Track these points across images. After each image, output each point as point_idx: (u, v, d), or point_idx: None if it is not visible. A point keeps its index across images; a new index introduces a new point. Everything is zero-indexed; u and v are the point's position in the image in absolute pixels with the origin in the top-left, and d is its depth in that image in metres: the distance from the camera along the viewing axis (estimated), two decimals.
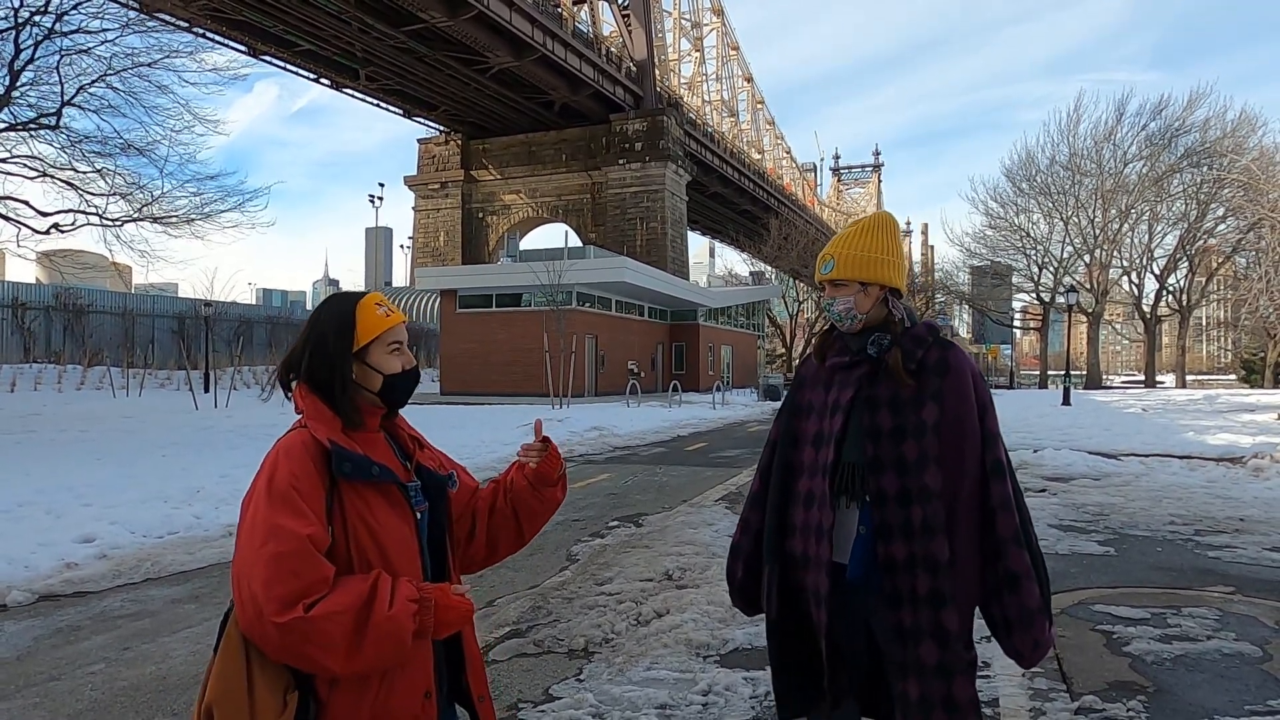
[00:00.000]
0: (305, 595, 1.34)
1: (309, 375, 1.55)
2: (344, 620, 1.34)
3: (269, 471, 1.45)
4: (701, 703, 3.44)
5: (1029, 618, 1.82)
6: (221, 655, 1.42)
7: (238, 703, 1.37)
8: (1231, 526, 7.05)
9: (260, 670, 1.39)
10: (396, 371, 1.58)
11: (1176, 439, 14.05)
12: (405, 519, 1.53)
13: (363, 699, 1.43)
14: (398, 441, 1.65)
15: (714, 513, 7.96)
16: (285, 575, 1.34)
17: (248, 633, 1.38)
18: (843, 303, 1.96)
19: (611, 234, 50.79)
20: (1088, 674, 3.72)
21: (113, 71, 14.72)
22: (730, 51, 68.87)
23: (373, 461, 1.49)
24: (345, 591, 1.37)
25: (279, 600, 1.33)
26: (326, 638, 1.33)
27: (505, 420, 17.82)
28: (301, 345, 1.58)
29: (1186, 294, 50.70)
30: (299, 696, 1.39)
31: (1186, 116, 46.39)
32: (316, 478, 1.45)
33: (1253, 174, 37.95)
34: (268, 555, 1.35)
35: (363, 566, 1.45)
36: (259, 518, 1.39)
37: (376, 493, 1.49)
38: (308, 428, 1.51)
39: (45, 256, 18.41)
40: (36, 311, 29.60)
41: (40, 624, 4.65)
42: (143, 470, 9.73)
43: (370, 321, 1.56)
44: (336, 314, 1.57)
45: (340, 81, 46.74)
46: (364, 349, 1.56)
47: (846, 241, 2.00)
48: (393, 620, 1.36)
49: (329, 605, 1.34)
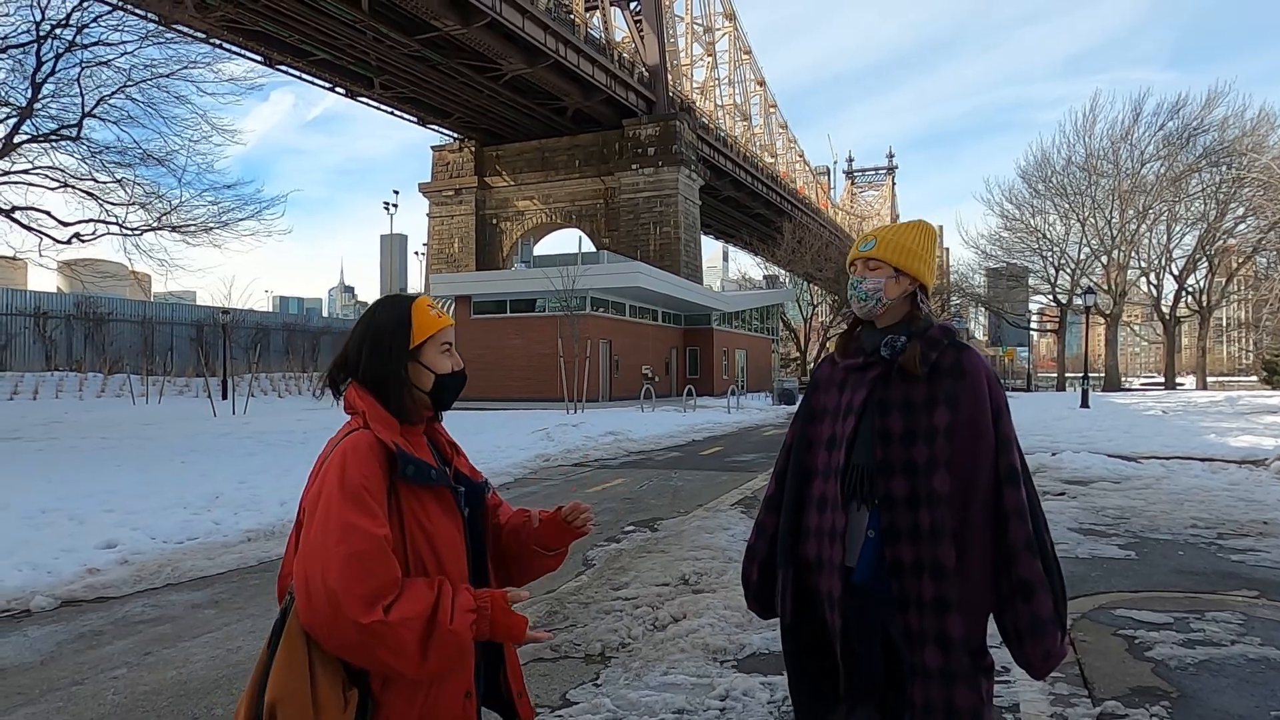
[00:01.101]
0: (382, 596, 1.36)
1: (367, 373, 1.58)
2: (417, 626, 1.37)
3: (339, 470, 1.45)
4: (719, 708, 3.43)
5: (1040, 627, 1.79)
6: (283, 651, 1.43)
7: (302, 698, 1.39)
8: (1255, 530, 6.96)
9: (323, 667, 1.41)
10: (447, 371, 1.62)
11: (1197, 441, 13.89)
12: (455, 522, 1.56)
13: (414, 699, 1.46)
14: (436, 446, 1.68)
15: (730, 517, 7.94)
16: (365, 574, 1.36)
17: (316, 628, 1.38)
18: (873, 282, 1.96)
19: (625, 239, 50.86)
20: (1109, 679, 3.67)
21: (132, 83, 14.91)
22: (743, 55, 68.89)
23: (431, 465, 1.53)
24: (416, 598, 1.39)
25: (361, 599, 1.35)
26: (400, 643, 1.36)
27: (520, 426, 17.86)
28: (358, 345, 1.60)
29: (1206, 294, 50.14)
30: (358, 694, 1.42)
31: (1205, 115, 45.97)
32: (381, 479, 1.47)
33: (1273, 173, 37.56)
34: (345, 554, 1.36)
35: (417, 567, 1.48)
36: (332, 515, 1.40)
37: (431, 496, 1.52)
38: (370, 429, 1.52)
39: (66, 266, 18.62)
40: (58, 320, 29.99)
41: (63, 629, 4.71)
42: (162, 477, 9.82)
43: (425, 321, 1.60)
44: (393, 313, 1.61)
45: (355, 90, 47.12)
46: (419, 348, 1.59)
47: (891, 229, 2.03)
48: (454, 633, 1.40)
49: (403, 609, 1.37)
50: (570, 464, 12.91)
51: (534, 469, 12.17)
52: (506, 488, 10.35)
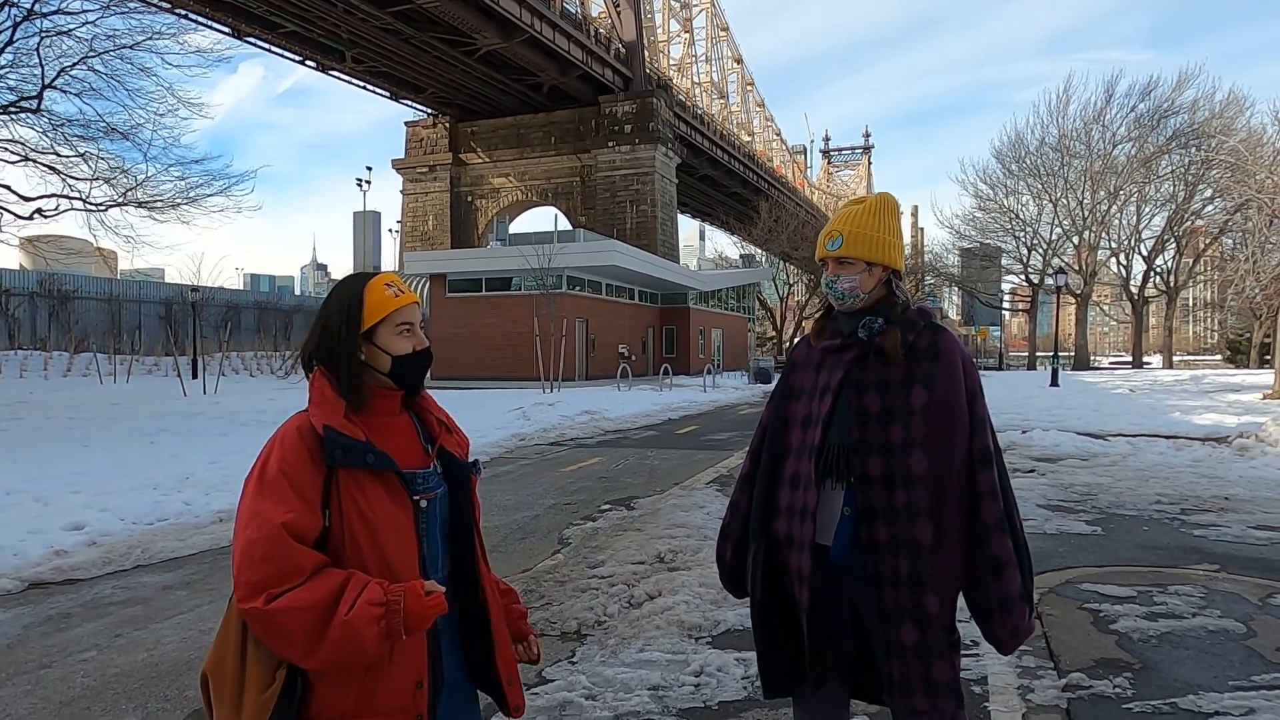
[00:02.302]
0: (274, 584, 1.36)
1: (319, 355, 1.56)
2: (305, 616, 1.35)
3: (263, 457, 1.47)
4: (694, 683, 3.46)
5: (1009, 604, 1.83)
6: (221, 627, 1.48)
7: (230, 672, 1.43)
8: (1217, 505, 7.13)
9: (254, 645, 1.42)
10: (405, 353, 1.56)
11: (1163, 419, 14.17)
12: (403, 507, 1.50)
13: (348, 686, 1.44)
14: (424, 424, 1.63)
15: (705, 495, 7.98)
16: (255, 562, 1.37)
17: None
18: (847, 281, 1.95)
19: (601, 217, 50.59)
20: (1075, 651, 3.76)
21: (94, 53, 14.46)
22: (720, 32, 68.44)
23: (369, 449, 1.47)
24: (314, 588, 1.37)
25: (246, 586, 1.37)
26: (284, 631, 1.35)
27: (496, 405, 17.80)
28: (313, 325, 1.59)
29: (1174, 275, 50.95)
30: (287, 673, 1.41)
31: (1175, 97, 46.48)
32: (311, 464, 1.44)
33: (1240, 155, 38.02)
34: (244, 540, 1.39)
35: (355, 554, 1.44)
36: (245, 503, 1.44)
37: (374, 480, 1.48)
38: (307, 412, 1.51)
39: (29, 242, 18.15)
40: (21, 298, 29.29)
41: (30, 612, 4.64)
42: (131, 457, 9.68)
43: (378, 301, 1.55)
44: (345, 294, 1.57)
45: (326, 63, 46.21)
46: (372, 329, 1.54)
47: (853, 219, 1.98)
48: (349, 625, 1.35)
49: (292, 599, 1.35)
50: (546, 443, 12.90)
51: (510, 448, 12.15)
52: (483, 466, 10.32)
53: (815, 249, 2.07)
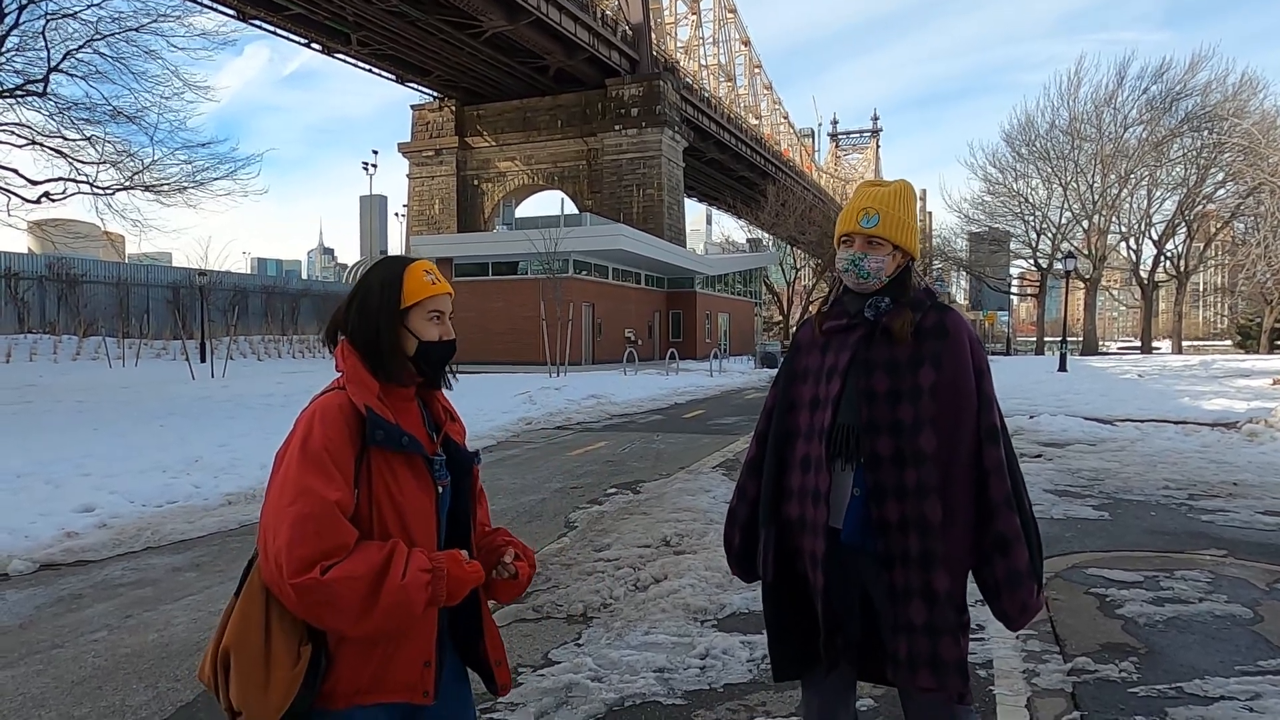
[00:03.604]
0: (325, 558, 1.38)
1: (354, 332, 1.57)
2: (358, 586, 1.38)
3: (304, 430, 1.47)
4: (699, 666, 3.48)
5: (1017, 580, 1.84)
6: (243, 601, 1.47)
7: (255, 649, 1.43)
8: (1225, 491, 7.10)
9: (279, 620, 1.44)
10: (433, 340, 1.59)
11: (1172, 404, 14.11)
12: (427, 490, 1.55)
13: (368, 661, 1.48)
14: (430, 411, 1.66)
15: (711, 479, 8.00)
16: (308, 536, 1.38)
17: (269, 584, 1.42)
18: (875, 261, 1.95)
19: (608, 201, 50.40)
20: (1081, 636, 3.76)
21: (100, 36, 14.44)
22: (727, 14, 67.84)
23: (403, 431, 1.51)
24: (362, 559, 1.40)
25: (299, 560, 1.37)
26: (340, 600, 1.38)
27: (503, 389, 17.83)
28: (349, 302, 1.60)
29: (1184, 260, 50.58)
30: (312, 650, 1.44)
31: (1188, 80, 45.91)
32: (349, 442, 1.47)
33: (1253, 138, 37.69)
34: (294, 515, 1.39)
35: (382, 532, 1.48)
36: (290, 476, 1.43)
37: (403, 462, 1.52)
38: (345, 390, 1.52)
39: (37, 226, 18.21)
40: (30, 282, 29.39)
41: (42, 592, 4.68)
42: (141, 440, 9.74)
43: (416, 285, 1.58)
44: (385, 273, 1.60)
45: (331, 46, 45.97)
46: (406, 311, 1.57)
47: (887, 200, 1.98)
48: (404, 590, 1.40)
49: (345, 569, 1.38)
50: (553, 427, 12.93)
51: (516, 432, 12.18)
52: (489, 450, 10.36)
53: (823, 232, 2.05)
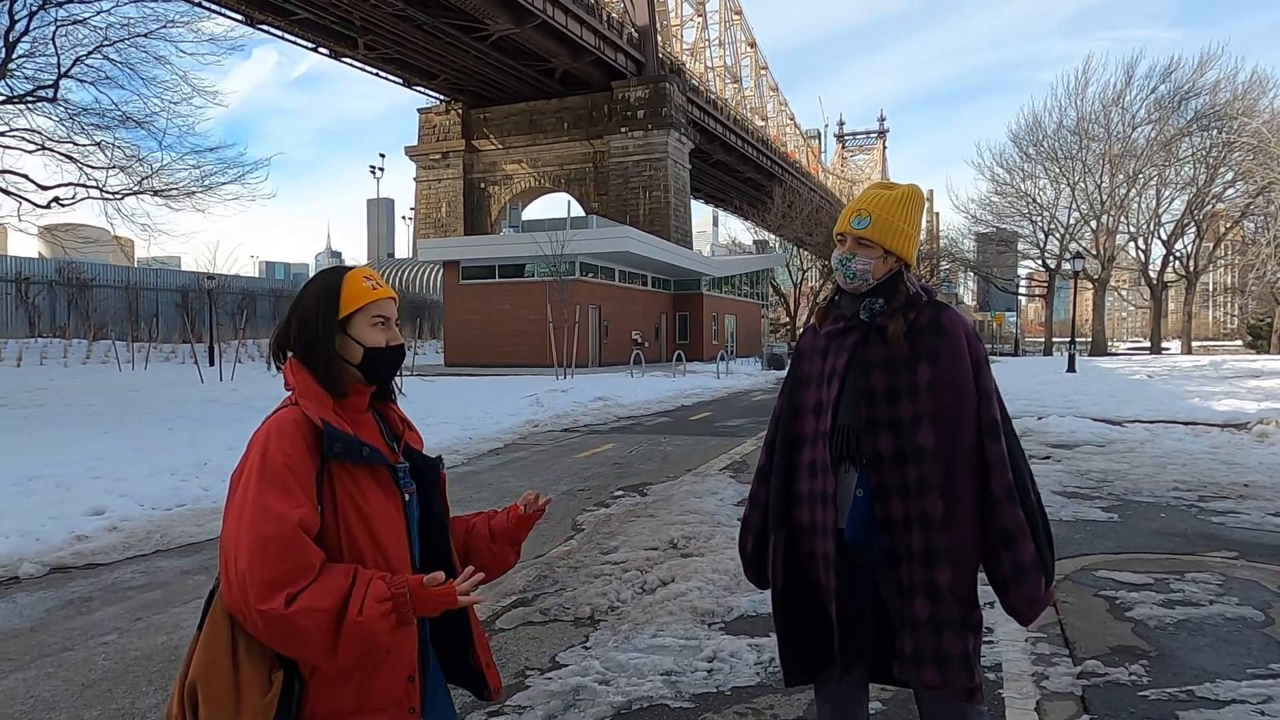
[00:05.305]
0: (291, 581, 1.33)
1: (296, 345, 1.54)
2: (324, 619, 1.33)
3: (261, 449, 1.42)
4: (707, 669, 3.47)
5: (1024, 573, 1.83)
6: (206, 632, 1.41)
7: (223, 678, 1.36)
8: (1235, 492, 7.05)
9: (247, 648, 1.38)
10: (379, 345, 1.54)
11: (1181, 405, 14.03)
12: (394, 501, 1.51)
13: (346, 682, 1.43)
14: (387, 422, 1.63)
15: (718, 481, 7.98)
16: (271, 558, 1.33)
17: (233, 610, 1.37)
18: (862, 262, 1.96)
19: (614, 203, 50.46)
20: (1090, 639, 3.74)
21: (109, 42, 14.52)
22: (733, 16, 67.89)
23: (363, 442, 1.48)
24: (326, 588, 1.35)
25: (263, 584, 1.32)
26: (307, 634, 1.33)
27: (510, 391, 17.85)
28: (289, 316, 1.57)
29: (1193, 259, 50.33)
30: (284, 676, 1.38)
31: (1197, 79, 45.77)
32: (308, 457, 1.43)
33: (1263, 137, 37.51)
34: (254, 537, 1.34)
35: (351, 548, 1.44)
36: (249, 496, 1.38)
37: (366, 474, 1.48)
38: (299, 405, 1.48)
39: (47, 231, 18.31)
40: (40, 286, 29.57)
41: (52, 595, 4.71)
42: (150, 443, 9.78)
43: (355, 292, 1.54)
44: (323, 284, 1.57)
45: (339, 50, 46.19)
46: (347, 319, 1.53)
47: (883, 204, 1.98)
48: (361, 626, 1.34)
49: (309, 599, 1.33)
50: (560, 429, 12.93)
51: (523, 434, 12.19)
52: (496, 453, 10.37)
53: (829, 234, 2.07)
